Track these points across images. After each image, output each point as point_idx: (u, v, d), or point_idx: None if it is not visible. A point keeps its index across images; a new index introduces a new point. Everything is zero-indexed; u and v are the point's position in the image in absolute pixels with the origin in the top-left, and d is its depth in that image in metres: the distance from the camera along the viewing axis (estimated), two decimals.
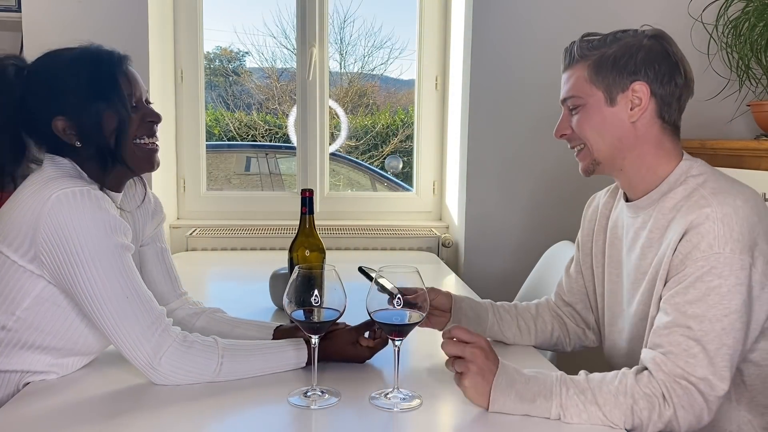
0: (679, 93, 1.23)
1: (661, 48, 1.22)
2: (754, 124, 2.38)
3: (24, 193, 1.17)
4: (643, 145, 1.23)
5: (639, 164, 1.24)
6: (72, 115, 1.20)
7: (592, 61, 1.23)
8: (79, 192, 1.13)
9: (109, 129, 1.22)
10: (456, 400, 1.15)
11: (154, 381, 1.17)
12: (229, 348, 1.21)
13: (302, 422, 1.07)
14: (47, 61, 1.24)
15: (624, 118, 1.23)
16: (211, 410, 1.13)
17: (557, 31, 2.38)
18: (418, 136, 2.85)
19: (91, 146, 1.22)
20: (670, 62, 1.22)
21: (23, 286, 1.16)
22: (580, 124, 1.26)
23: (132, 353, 1.14)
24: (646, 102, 1.21)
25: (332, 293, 1.12)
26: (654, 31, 1.25)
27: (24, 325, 1.17)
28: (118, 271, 1.14)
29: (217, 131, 3.12)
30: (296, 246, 1.50)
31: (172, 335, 1.17)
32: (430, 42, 2.79)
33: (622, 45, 1.23)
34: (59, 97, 1.21)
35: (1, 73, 1.22)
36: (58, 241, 1.11)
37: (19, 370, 1.19)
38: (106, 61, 1.24)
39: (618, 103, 1.23)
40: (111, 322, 1.13)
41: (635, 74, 1.21)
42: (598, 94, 1.23)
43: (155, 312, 1.17)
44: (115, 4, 2.35)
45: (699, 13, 2.39)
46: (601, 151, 1.25)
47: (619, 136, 1.23)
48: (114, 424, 1.05)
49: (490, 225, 2.52)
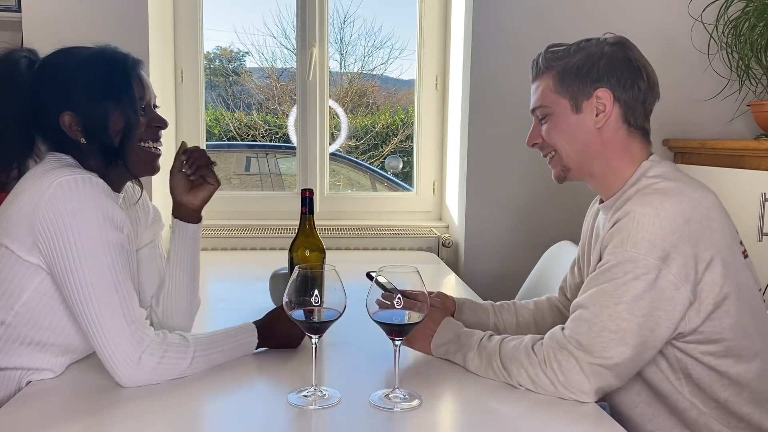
0: (643, 97, 1.27)
1: (623, 54, 1.26)
2: (754, 124, 2.38)
3: (25, 183, 1.18)
4: (610, 150, 1.27)
5: (606, 169, 1.28)
6: (80, 111, 1.21)
7: (557, 72, 1.28)
8: (81, 179, 1.14)
9: (116, 129, 1.23)
10: (456, 400, 1.15)
11: (125, 379, 1.14)
12: (200, 343, 1.23)
13: (302, 422, 1.07)
14: (62, 57, 1.25)
15: (590, 125, 1.27)
16: (211, 410, 1.13)
17: (557, 31, 2.37)
18: (418, 136, 2.85)
19: (96, 144, 1.23)
20: (632, 68, 1.26)
21: (21, 279, 1.16)
22: (549, 132, 1.31)
23: (111, 348, 1.13)
24: (610, 108, 1.26)
25: (332, 293, 1.12)
26: (616, 38, 1.29)
27: (23, 320, 1.18)
28: (111, 263, 1.14)
29: (217, 131, 3.12)
30: (296, 246, 1.50)
31: (151, 333, 1.17)
32: (430, 42, 2.79)
33: (584, 54, 1.27)
34: (70, 92, 1.22)
35: (14, 65, 1.23)
36: (56, 226, 1.11)
37: (19, 368, 1.19)
38: (122, 62, 1.26)
39: (583, 111, 1.27)
40: (96, 312, 1.12)
41: (598, 81, 1.25)
42: (564, 102, 1.28)
43: (139, 310, 1.17)
44: (115, 4, 2.35)
45: (699, 13, 2.39)
46: (570, 157, 1.30)
47: (586, 142, 1.28)
48: (114, 424, 1.05)
49: (490, 225, 2.52)
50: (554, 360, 1.14)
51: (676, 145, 2.49)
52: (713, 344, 1.17)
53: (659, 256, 1.12)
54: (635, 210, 1.15)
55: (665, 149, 2.54)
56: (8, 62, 1.24)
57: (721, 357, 1.17)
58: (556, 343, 1.15)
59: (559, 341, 1.15)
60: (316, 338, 1.14)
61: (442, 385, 1.21)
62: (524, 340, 1.21)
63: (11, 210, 1.16)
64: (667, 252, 1.12)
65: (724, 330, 1.16)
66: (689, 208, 1.15)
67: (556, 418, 1.10)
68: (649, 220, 1.13)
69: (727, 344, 1.17)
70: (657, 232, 1.12)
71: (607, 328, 1.12)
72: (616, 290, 1.13)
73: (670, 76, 2.50)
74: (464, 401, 1.14)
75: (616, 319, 1.12)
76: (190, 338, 1.22)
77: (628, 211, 1.16)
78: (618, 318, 1.12)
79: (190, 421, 1.08)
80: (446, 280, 2.18)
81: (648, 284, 1.12)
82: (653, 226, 1.12)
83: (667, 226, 1.12)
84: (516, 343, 1.21)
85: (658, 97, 1.30)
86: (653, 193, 1.17)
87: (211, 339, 1.26)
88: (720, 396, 1.19)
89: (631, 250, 1.13)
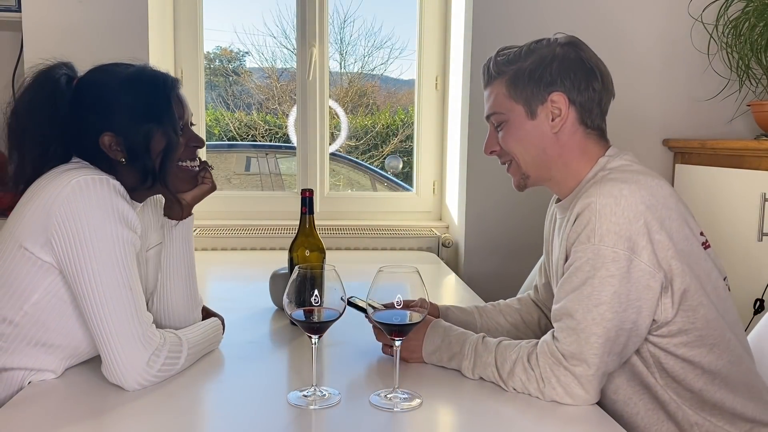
0: (599, 98, 1.25)
1: (575, 55, 1.24)
2: (754, 124, 2.38)
3: (41, 183, 1.18)
4: (568, 153, 1.26)
5: (565, 171, 1.27)
6: (121, 132, 1.22)
7: (509, 77, 1.26)
8: (98, 179, 1.15)
9: (157, 150, 1.23)
10: (456, 400, 1.15)
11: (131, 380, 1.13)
12: (190, 341, 1.25)
13: (302, 422, 1.07)
14: (101, 76, 1.26)
15: (546, 130, 1.25)
16: (211, 410, 1.13)
17: (557, 32, 2.37)
18: (418, 136, 2.85)
19: (137, 164, 1.23)
20: (585, 68, 1.24)
21: (33, 279, 1.16)
22: (506, 140, 1.29)
23: (120, 348, 1.12)
24: (565, 111, 1.24)
25: (332, 293, 1.12)
26: (567, 38, 1.27)
27: (30, 320, 1.18)
28: (125, 262, 1.15)
29: (217, 131, 3.12)
30: (296, 246, 1.51)
31: (158, 334, 1.18)
32: (430, 42, 2.79)
33: (536, 57, 1.25)
34: (112, 113, 1.22)
35: (55, 83, 1.23)
36: (70, 223, 1.12)
37: (23, 368, 1.19)
38: (162, 83, 1.26)
39: (538, 116, 1.25)
40: (108, 311, 1.12)
41: (552, 85, 1.23)
42: (519, 108, 1.26)
43: (147, 312, 1.18)
44: (116, 5, 2.35)
45: (699, 13, 2.39)
46: (528, 164, 1.29)
47: (543, 148, 1.26)
48: (114, 424, 1.06)
49: (490, 225, 2.52)
50: (552, 376, 1.13)
51: (676, 145, 2.49)
52: (685, 335, 1.17)
53: (627, 246, 1.11)
54: (594, 201, 1.13)
55: (665, 149, 2.54)
56: (49, 81, 1.23)
57: (695, 347, 1.18)
58: (551, 358, 1.14)
59: (553, 355, 1.14)
60: (316, 338, 1.14)
61: (442, 385, 1.21)
62: (520, 351, 1.18)
63: (27, 209, 1.16)
64: (634, 240, 1.11)
65: (697, 320, 1.17)
66: (648, 195, 1.14)
67: (556, 417, 1.10)
68: (610, 209, 1.12)
69: (699, 334, 1.17)
70: (620, 222, 1.11)
71: (594, 333, 1.12)
72: (593, 291, 1.12)
73: (670, 76, 2.51)
74: (464, 401, 1.14)
75: (600, 321, 1.11)
76: (182, 336, 1.23)
77: (587, 203, 1.14)
78: (602, 320, 1.11)
79: (190, 421, 1.08)
80: (446, 280, 2.18)
81: (622, 277, 1.11)
82: (615, 215, 1.11)
83: (630, 213, 1.11)
84: (513, 356, 1.18)
85: (613, 95, 1.28)
86: (609, 182, 1.15)
87: (197, 335, 1.28)
88: (695, 386, 1.19)
89: (599, 243, 1.11)
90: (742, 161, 2.15)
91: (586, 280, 1.13)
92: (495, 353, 1.20)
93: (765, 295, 1.97)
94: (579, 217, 1.15)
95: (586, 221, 1.13)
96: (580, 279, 1.13)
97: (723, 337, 1.20)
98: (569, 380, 1.12)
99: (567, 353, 1.13)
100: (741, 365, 1.22)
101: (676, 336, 1.17)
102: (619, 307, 1.12)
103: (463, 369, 1.23)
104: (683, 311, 1.16)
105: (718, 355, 1.19)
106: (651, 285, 1.13)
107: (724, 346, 1.20)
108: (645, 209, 1.12)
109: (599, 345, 1.12)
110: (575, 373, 1.12)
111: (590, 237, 1.12)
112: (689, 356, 1.18)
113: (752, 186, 2.04)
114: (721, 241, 2.19)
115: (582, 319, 1.12)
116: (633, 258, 1.11)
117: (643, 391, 1.22)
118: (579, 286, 1.13)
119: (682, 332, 1.17)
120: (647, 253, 1.11)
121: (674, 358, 1.19)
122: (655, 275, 1.12)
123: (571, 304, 1.14)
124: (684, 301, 1.16)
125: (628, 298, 1.12)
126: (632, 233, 1.11)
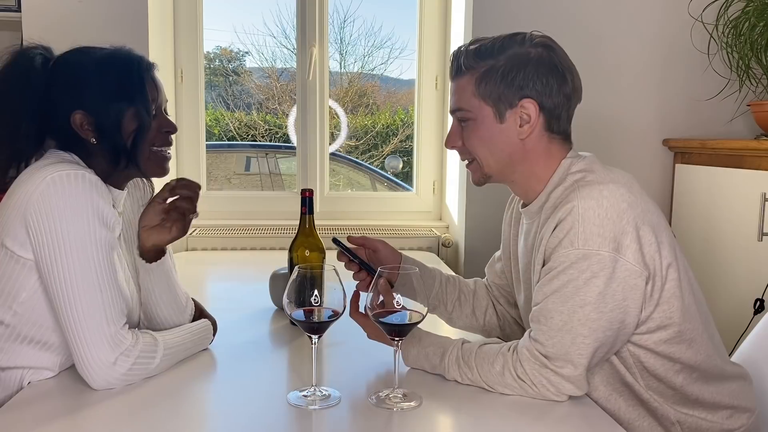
0: (568, 104, 1.24)
1: (549, 59, 1.21)
2: (754, 124, 2.38)
3: (20, 179, 1.18)
4: (533, 158, 1.24)
5: (529, 175, 1.26)
6: (93, 110, 1.21)
7: (480, 75, 1.21)
8: (74, 174, 1.14)
9: (128, 130, 1.23)
10: (456, 400, 1.15)
11: (98, 380, 1.12)
12: (167, 343, 1.22)
13: (302, 422, 1.07)
14: (77, 56, 1.25)
15: (512, 135, 1.23)
16: (212, 410, 1.13)
17: (557, 32, 2.36)
18: (418, 136, 2.85)
19: (106, 144, 1.22)
20: (558, 73, 1.21)
21: (18, 278, 1.16)
22: (470, 140, 1.26)
23: (87, 347, 1.11)
24: (535, 119, 1.21)
25: (332, 293, 1.12)
26: (541, 39, 1.23)
27: (22, 320, 1.18)
28: (98, 261, 1.14)
29: (217, 131, 3.12)
30: (296, 246, 1.50)
31: (130, 336, 1.16)
32: (430, 42, 2.79)
33: (510, 57, 1.21)
34: (84, 91, 1.22)
35: (29, 61, 1.23)
36: (45, 219, 1.11)
37: (20, 367, 1.19)
38: (137, 64, 1.25)
39: (507, 120, 1.22)
40: (77, 310, 1.11)
41: (523, 89, 1.20)
42: (487, 109, 1.22)
43: (123, 312, 1.17)
44: (115, 4, 2.35)
45: (699, 13, 2.39)
46: (491, 166, 1.26)
47: (509, 153, 1.24)
48: (114, 424, 1.05)
49: (490, 225, 2.51)
50: (542, 378, 1.12)
51: (676, 145, 2.49)
52: (664, 331, 1.17)
53: (612, 247, 1.11)
54: (576, 205, 1.13)
55: (665, 149, 2.54)
56: (23, 59, 1.23)
57: (675, 343, 1.18)
58: (536, 362, 1.13)
59: (537, 359, 1.13)
60: (316, 338, 1.13)
61: (442, 385, 1.21)
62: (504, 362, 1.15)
63: (6, 206, 1.16)
64: (618, 241, 1.11)
65: (673, 314, 1.17)
66: (627, 192, 1.14)
67: (556, 416, 1.10)
68: (594, 212, 1.12)
69: (678, 329, 1.18)
70: (604, 224, 1.11)
71: (581, 333, 1.11)
72: (578, 292, 1.11)
73: (670, 76, 2.51)
74: (464, 401, 1.14)
75: (586, 322, 1.11)
76: (159, 338, 1.21)
77: (569, 209, 1.13)
78: (588, 320, 1.11)
79: (190, 420, 1.08)
80: None
81: (608, 278, 1.11)
82: (599, 217, 1.11)
83: (613, 213, 1.11)
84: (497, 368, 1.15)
85: (580, 99, 1.27)
86: (587, 186, 1.15)
87: (178, 337, 1.26)
88: (675, 382, 1.20)
89: (583, 247, 1.11)
90: (742, 161, 2.15)
91: (568, 282, 1.12)
92: (477, 369, 1.17)
93: (765, 295, 1.96)
94: (561, 222, 1.14)
95: (569, 227, 1.13)
96: (561, 281, 1.13)
97: (699, 330, 1.21)
98: (558, 380, 1.12)
99: (551, 355, 1.12)
100: (716, 356, 1.24)
101: (655, 332, 1.18)
102: (605, 308, 1.12)
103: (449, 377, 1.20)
104: (664, 304, 1.17)
105: (696, 350, 1.20)
106: (637, 284, 1.13)
107: (701, 340, 1.21)
108: (627, 207, 1.13)
109: (586, 345, 1.12)
110: (563, 374, 1.12)
111: (573, 242, 1.12)
112: (669, 353, 1.19)
113: (752, 186, 2.04)
114: (721, 241, 2.19)
115: (568, 320, 1.12)
116: (618, 258, 1.11)
117: (623, 389, 1.22)
118: (561, 287, 1.13)
119: (661, 328, 1.17)
120: (632, 251, 1.12)
121: (655, 356, 1.19)
122: (641, 273, 1.13)
123: (553, 305, 1.13)
124: (666, 291, 1.16)
125: (614, 298, 1.12)
126: (617, 233, 1.11)
